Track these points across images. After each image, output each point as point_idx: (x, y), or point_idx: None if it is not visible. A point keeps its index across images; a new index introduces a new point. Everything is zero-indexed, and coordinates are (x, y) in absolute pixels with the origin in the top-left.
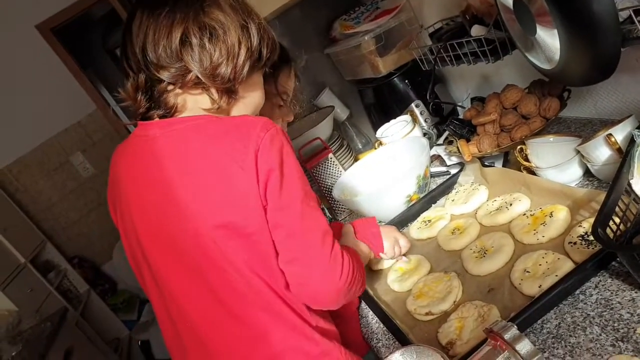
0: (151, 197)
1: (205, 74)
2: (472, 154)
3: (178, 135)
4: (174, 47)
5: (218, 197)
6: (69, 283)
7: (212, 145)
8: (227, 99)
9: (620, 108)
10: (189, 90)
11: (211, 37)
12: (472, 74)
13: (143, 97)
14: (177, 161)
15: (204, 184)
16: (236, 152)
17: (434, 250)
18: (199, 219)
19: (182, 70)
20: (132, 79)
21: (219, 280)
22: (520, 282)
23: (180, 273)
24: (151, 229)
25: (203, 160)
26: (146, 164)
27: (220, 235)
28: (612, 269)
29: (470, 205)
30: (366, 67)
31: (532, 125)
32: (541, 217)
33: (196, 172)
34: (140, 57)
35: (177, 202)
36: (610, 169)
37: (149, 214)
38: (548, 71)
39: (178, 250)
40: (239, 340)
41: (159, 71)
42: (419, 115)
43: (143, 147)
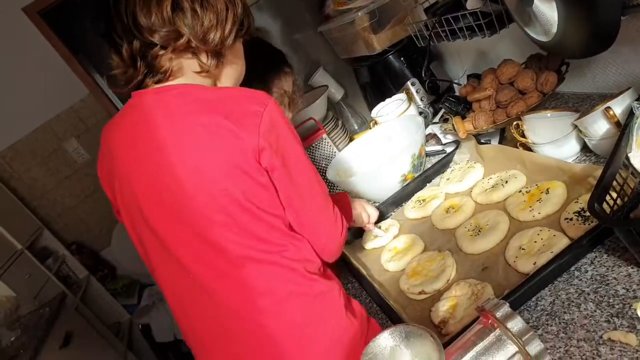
0: (149, 165)
1: (197, 38)
2: (468, 131)
3: (173, 99)
4: (166, 14)
5: (215, 160)
6: (68, 269)
7: (208, 112)
8: (216, 62)
9: (620, 81)
10: (180, 55)
11: (202, 3)
12: (468, 50)
13: (141, 63)
14: (173, 128)
15: (200, 152)
16: (236, 122)
17: (428, 230)
18: (197, 185)
19: (174, 34)
20: (127, 46)
21: (217, 234)
22: (515, 260)
23: (182, 234)
24: (153, 197)
25: (199, 127)
26: (142, 133)
27: (218, 194)
28: (609, 245)
29: (465, 184)
30: (360, 44)
31: (528, 101)
32: (537, 194)
33: (192, 139)
34: (131, 24)
35: (175, 167)
36: (608, 143)
37: (149, 182)
38: (545, 44)
39: (181, 215)
40: (243, 290)
41: (152, 35)
42: (414, 93)
43: (138, 116)
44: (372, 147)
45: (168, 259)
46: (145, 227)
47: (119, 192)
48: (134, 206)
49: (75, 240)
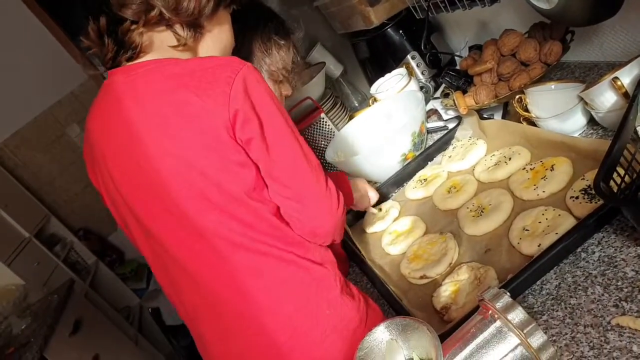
0: (123, 147)
1: (169, 8)
2: (469, 106)
3: (142, 79)
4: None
5: (187, 141)
6: (77, 255)
7: (176, 89)
8: (193, 33)
9: (629, 49)
10: (153, 28)
11: None
12: (469, 21)
13: (110, 40)
14: (143, 110)
15: (171, 135)
16: (204, 94)
17: (429, 210)
18: (173, 170)
19: (145, 6)
20: (93, 23)
21: (204, 221)
22: (519, 242)
23: (165, 218)
24: (131, 180)
25: (167, 107)
26: (114, 114)
27: (195, 178)
28: (617, 224)
29: (467, 162)
30: (357, 18)
31: (532, 73)
32: (542, 171)
33: (162, 121)
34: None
35: (148, 149)
36: (616, 115)
37: (125, 165)
38: (548, 11)
39: (160, 197)
40: (231, 278)
41: (120, 9)
42: (415, 67)
43: (109, 98)
44: (371, 126)
45: (154, 245)
46: (128, 213)
47: (101, 178)
48: (115, 192)
49: (82, 227)
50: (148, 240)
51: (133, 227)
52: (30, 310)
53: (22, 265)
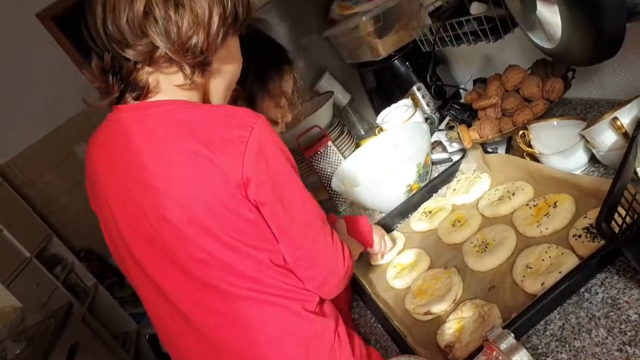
0: (127, 186)
1: (174, 50)
2: (473, 140)
3: (152, 120)
4: (137, 22)
5: (195, 193)
6: (76, 277)
7: (188, 138)
8: (201, 72)
9: (628, 88)
10: (160, 68)
11: (177, 8)
12: (474, 55)
13: (114, 79)
14: (151, 150)
15: (179, 184)
16: (217, 151)
17: (434, 244)
18: (178, 220)
19: (149, 47)
20: (97, 58)
21: (208, 271)
22: (522, 279)
23: (163, 264)
24: (132, 224)
25: (177, 155)
26: (120, 152)
27: (200, 231)
28: (619, 265)
29: (472, 195)
30: (365, 49)
31: (535, 109)
32: (544, 208)
33: (170, 163)
34: (102, 33)
35: (152, 193)
36: (616, 154)
37: (128, 208)
38: (550, 50)
39: (159, 242)
40: (234, 327)
41: (124, 49)
42: (420, 98)
43: (116, 133)
44: (377, 156)
45: (152, 289)
46: (126, 253)
47: (101, 213)
48: (115, 230)
49: (84, 247)
50: (145, 282)
51: (130, 266)
52: (26, 334)
53: (21, 287)
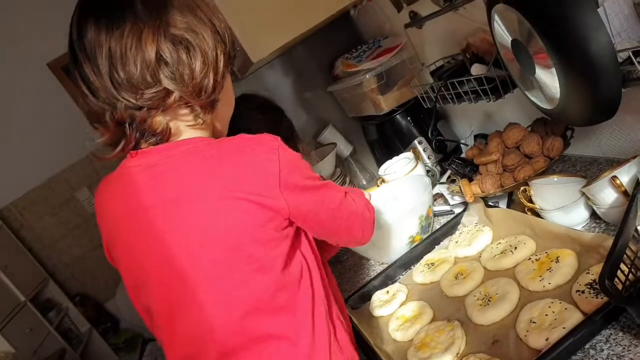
0: (155, 232)
1: (189, 92)
2: (475, 194)
3: (177, 162)
4: (150, 68)
5: (232, 235)
6: (70, 322)
7: (216, 183)
8: (211, 110)
9: (626, 147)
10: (173, 112)
11: (188, 50)
12: (475, 111)
13: (130, 129)
14: (180, 191)
15: (214, 217)
16: (252, 184)
17: (437, 296)
18: (208, 250)
19: (163, 93)
20: (110, 111)
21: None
22: (526, 334)
23: (199, 304)
24: (163, 264)
25: (210, 191)
26: (139, 199)
27: (230, 266)
28: (624, 322)
29: (474, 248)
30: (368, 104)
31: (535, 165)
32: (547, 262)
33: (205, 202)
34: (109, 84)
35: (184, 236)
36: (617, 212)
37: (156, 251)
38: (549, 111)
39: (189, 285)
40: None
41: (136, 98)
42: (422, 152)
43: (134, 179)
44: (379, 207)
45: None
46: (152, 303)
47: (119, 261)
48: (141, 276)
49: (79, 292)
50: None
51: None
52: None
53: (15, 331)
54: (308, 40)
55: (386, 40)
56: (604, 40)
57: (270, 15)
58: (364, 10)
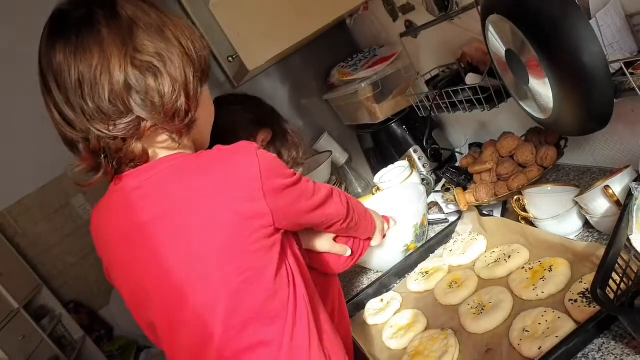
0: (148, 250)
1: (161, 119)
2: (469, 202)
3: (159, 181)
4: (119, 97)
5: (221, 243)
6: (64, 329)
7: (205, 180)
8: (188, 129)
9: (619, 157)
10: (149, 137)
11: (155, 76)
12: (469, 120)
13: (105, 160)
14: (166, 208)
15: (199, 234)
16: (235, 191)
17: (431, 305)
18: (200, 263)
19: (136, 122)
20: (83, 143)
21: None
22: (519, 343)
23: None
24: (160, 279)
25: (194, 205)
26: (131, 220)
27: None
28: (616, 331)
29: (468, 257)
30: (364, 113)
31: (529, 174)
32: (540, 271)
33: (190, 217)
34: (80, 114)
35: (175, 252)
36: (610, 221)
37: (152, 268)
38: (543, 120)
39: (186, 297)
40: None
41: (108, 129)
42: (417, 160)
43: (123, 202)
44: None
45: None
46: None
47: (119, 283)
48: (141, 295)
49: (73, 299)
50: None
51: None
52: None
53: (7, 338)
54: (304, 49)
55: (382, 49)
56: (597, 51)
57: (267, 23)
58: (360, 19)
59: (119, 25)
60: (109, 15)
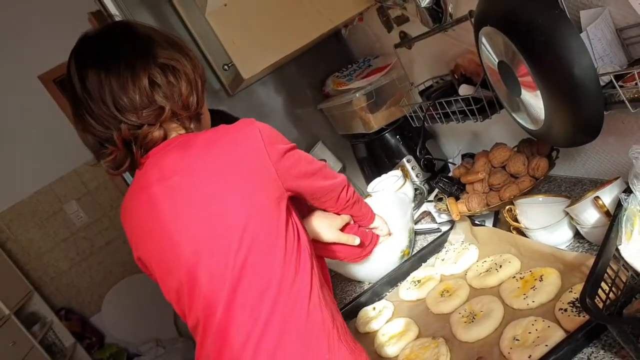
0: (163, 217)
1: (179, 107)
2: (461, 212)
3: (172, 155)
4: (145, 92)
5: (226, 213)
6: (54, 336)
7: (215, 152)
8: (198, 122)
9: (609, 169)
10: (166, 125)
11: (174, 74)
12: (462, 131)
13: (136, 146)
14: (179, 179)
15: (212, 204)
16: (243, 162)
17: (422, 313)
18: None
19: (158, 110)
20: (116, 133)
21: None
22: (510, 351)
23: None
24: (181, 240)
25: (204, 177)
26: (148, 192)
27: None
28: (605, 340)
29: (460, 266)
30: (358, 122)
31: (521, 185)
32: (531, 281)
33: (202, 188)
34: (113, 111)
35: (189, 228)
36: (599, 231)
37: (168, 234)
38: (535, 131)
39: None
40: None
41: (138, 117)
42: (410, 170)
43: (141, 180)
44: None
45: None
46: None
47: (148, 259)
48: (182, 272)
49: (64, 306)
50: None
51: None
52: None
53: None
54: (300, 58)
55: (376, 59)
56: (587, 64)
57: (262, 33)
58: (355, 30)
59: (139, 40)
60: (128, 33)
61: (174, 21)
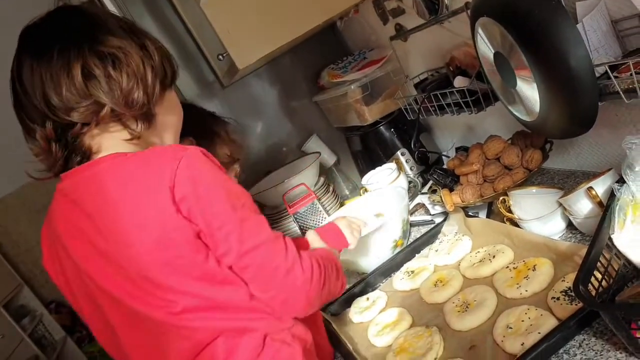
0: (90, 249)
1: (120, 104)
2: (455, 203)
3: (90, 182)
4: (78, 85)
5: (147, 237)
6: (44, 329)
7: (125, 188)
8: (147, 124)
9: (602, 161)
10: (106, 128)
11: (114, 64)
12: (457, 124)
13: (57, 146)
14: (99, 209)
15: (128, 228)
16: (151, 191)
17: (416, 303)
18: (137, 262)
19: (94, 107)
20: (40, 129)
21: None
22: (503, 339)
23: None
24: (109, 278)
25: (122, 204)
26: (73, 219)
27: (162, 272)
28: (596, 328)
29: (453, 257)
30: (353, 115)
31: (514, 176)
32: (524, 271)
33: (118, 216)
34: (42, 105)
35: (114, 250)
36: (592, 222)
37: (97, 266)
38: (529, 123)
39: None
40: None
41: (68, 114)
42: (404, 163)
43: (65, 201)
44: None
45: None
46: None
47: (75, 283)
48: (95, 292)
49: (54, 299)
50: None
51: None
52: None
53: None
54: (295, 50)
55: (372, 52)
56: (583, 55)
57: (258, 22)
58: (351, 22)
59: (80, 26)
60: (71, 18)
61: (168, 12)
